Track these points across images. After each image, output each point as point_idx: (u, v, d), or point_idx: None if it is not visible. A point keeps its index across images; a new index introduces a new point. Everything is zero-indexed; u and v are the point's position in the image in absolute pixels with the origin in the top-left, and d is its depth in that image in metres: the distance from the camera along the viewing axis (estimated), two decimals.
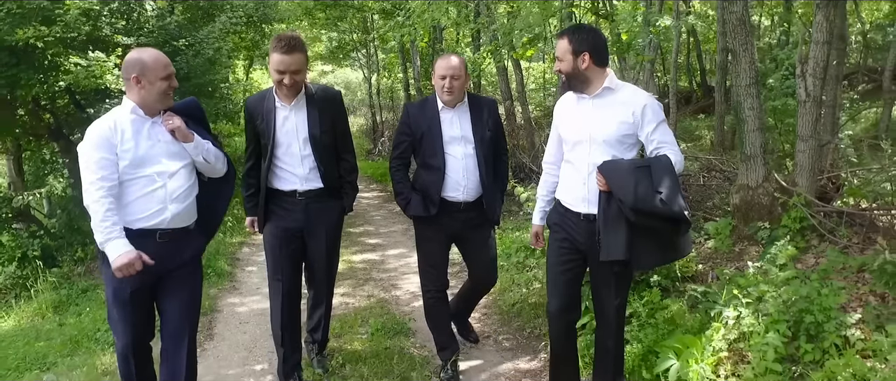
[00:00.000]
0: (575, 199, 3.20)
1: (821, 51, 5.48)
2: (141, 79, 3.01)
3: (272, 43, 3.55)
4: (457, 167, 3.80)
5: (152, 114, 3.10)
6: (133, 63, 3.03)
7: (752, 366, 3.31)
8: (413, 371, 4.17)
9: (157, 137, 3.10)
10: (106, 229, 2.87)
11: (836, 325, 3.40)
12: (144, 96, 3.04)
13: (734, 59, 5.85)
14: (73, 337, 5.11)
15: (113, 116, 3.07)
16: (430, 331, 4.19)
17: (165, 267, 3.12)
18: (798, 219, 5.28)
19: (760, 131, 5.66)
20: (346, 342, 4.72)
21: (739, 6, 5.57)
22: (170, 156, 3.12)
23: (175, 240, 3.14)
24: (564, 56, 3.06)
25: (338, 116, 3.86)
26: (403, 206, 3.95)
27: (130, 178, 3.00)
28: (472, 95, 3.99)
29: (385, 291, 6.26)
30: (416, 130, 3.87)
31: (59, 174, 9.09)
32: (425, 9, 8.21)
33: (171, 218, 3.09)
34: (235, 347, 4.81)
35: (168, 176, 3.08)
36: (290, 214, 3.79)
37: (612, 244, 2.98)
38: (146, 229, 3.03)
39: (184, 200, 3.15)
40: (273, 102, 3.69)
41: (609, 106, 3.08)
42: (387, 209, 11.56)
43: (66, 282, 6.91)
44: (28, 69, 6.56)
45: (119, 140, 2.98)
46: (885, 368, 3.13)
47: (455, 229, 3.93)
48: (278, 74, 3.52)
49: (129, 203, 3.01)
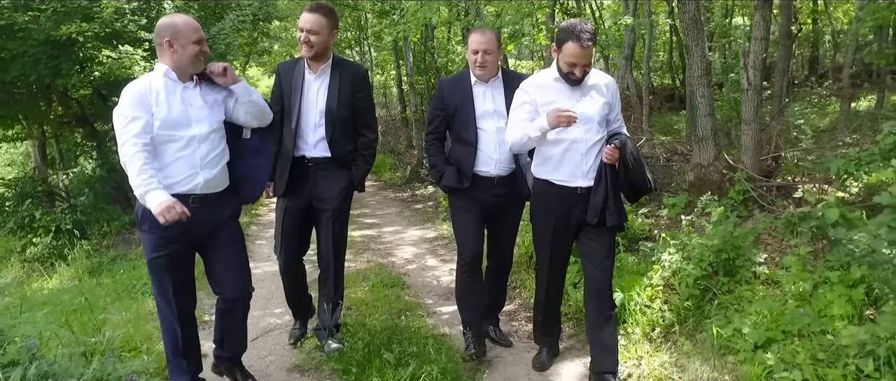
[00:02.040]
0: (570, 175, 3.42)
1: (759, 46, 6.34)
2: (173, 42, 3.03)
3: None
4: (489, 141, 3.76)
5: (185, 78, 3.12)
6: (166, 27, 3.05)
7: (678, 293, 4.17)
8: (408, 311, 4.99)
9: (190, 101, 3.12)
10: (144, 181, 2.86)
11: (745, 261, 4.26)
12: (177, 60, 3.06)
13: (688, 53, 6.73)
14: (114, 290, 5.92)
15: (148, 78, 3.09)
16: (458, 307, 4.15)
17: (200, 231, 3.18)
18: (741, 192, 6.11)
19: (711, 117, 6.53)
20: (352, 292, 5.53)
21: (692, 7, 6.43)
22: (201, 121, 3.13)
23: (208, 204, 3.16)
24: (590, 59, 3.33)
25: (360, 91, 3.90)
26: (437, 178, 3.93)
27: (164, 140, 3.02)
28: (507, 70, 3.96)
29: (382, 257, 7.10)
30: (449, 104, 3.85)
31: (89, 156, 9.91)
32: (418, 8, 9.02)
33: (203, 183, 3.12)
34: (255, 298, 5.60)
35: (199, 140, 3.10)
36: (300, 180, 3.86)
37: (618, 211, 3.39)
38: (180, 194, 3.02)
39: (215, 165, 3.17)
40: (303, 70, 3.80)
41: (592, 88, 3.41)
42: (382, 196, 12.42)
43: (96, 252, 7.72)
44: (68, 61, 7.39)
45: (154, 101, 3.00)
46: (779, 292, 3.99)
47: (488, 204, 3.87)
48: (300, 31, 3.68)
49: (164, 167, 3.04)
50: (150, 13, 8.44)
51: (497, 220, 3.98)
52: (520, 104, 3.47)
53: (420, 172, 13.33)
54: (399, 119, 18.43)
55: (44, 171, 10.73)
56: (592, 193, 3.39)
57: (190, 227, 3.05)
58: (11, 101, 8.48)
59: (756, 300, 3.89)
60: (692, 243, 4.49)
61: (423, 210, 10.42)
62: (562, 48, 3.28)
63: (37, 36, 7.00)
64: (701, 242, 4.48)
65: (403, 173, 14.11)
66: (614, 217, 3.38)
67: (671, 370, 3.60)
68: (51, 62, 7.29)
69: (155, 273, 3.18)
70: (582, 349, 4.11)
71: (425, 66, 14.74)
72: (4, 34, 6.99)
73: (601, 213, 3.37)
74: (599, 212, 3.36)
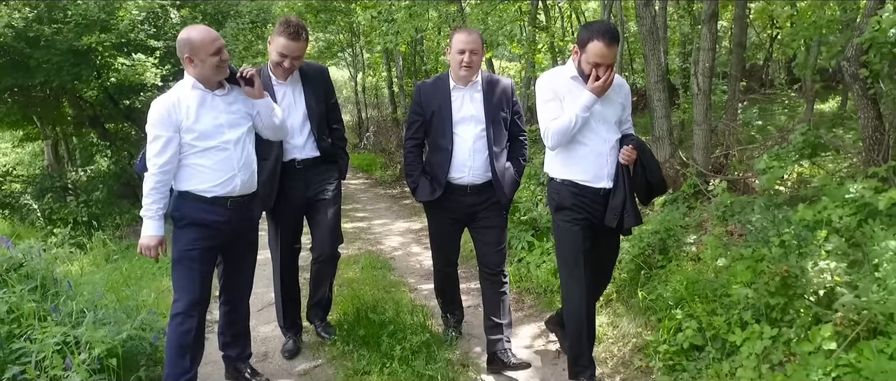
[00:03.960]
0: (595, 176, 3.39)
1: (707, 55, 7.12)
2: (193, 58, 3.09)
3: (279, 26, 3.64)
4: (464, 148, 3.68)
5: (212, 87, 3.20)
6: (184, 43, 3.10)
7: (618, 268, 4.93)
8: (392, 287, 5.75)
9: (220, 108, 3.21)
10: (146, 206, 3.08)
11: (676, 241, 5.03)
12: (200, 72, 3.12)
13: (646, 61, 7.50)
14: (134, 273, 6.66)
15: (177, 91, 3.15)
16: (439, 303, 4.34)
17: (234, 232, 3.32)
18: (692, 186, 6.89)
19: (666, 118, 7.32)
20: (343, 273, 6.28)
21: (648, 20, 7.22)
22: (232, 126, 3.23)
23: (241, 206, 3.30)
24: (614, 59, 3.28)
25: (328, 88, 4.03)
26: (412, 190, 3.91)
27: (203, 149, 3.13)
28: (488, 74, 3.87)
29: (371, 245, 7.87)
30: (427, 109, 3.77)
31: (104, 155, 10.67)
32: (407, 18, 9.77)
33: (240, 185, 3.24)
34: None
35: (234, 144, 3.20)
36: (292, 182, 3.88)
37: (635, 213, 3.41)
38: (219, 197, 3.18)
39: (249, 167, 3.30)
40: (269, 80, 3.77)
41: (610, 90, 3.34)
42: (372, 192, 13.16)
43: (111, 241, 8.46)
44: (87, 68, 8.15)
45: (184, 116, 3.09)
46: (702, 266, 4.76)
47: (462, 213, 3.82)
48: (281, 56, 3.65)
49: (204, 171, 3.15)
50: (158, 22, 9.17)
51: (475, 227, 3.87)
52: (549, 99, 3.36)
53: None
54: (390, 119, 19.15)
55: (57, 168, 11.49)
56: (611, 194, 3.38)
57: (229, 227, 3.26)
58: (29, 104, 9.27)
59: (680, 272, 4.66)
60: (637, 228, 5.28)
61: (410, 205, 11.15)
62: (585, 48, 3.22)
63: (60, 46, 7.78)
64: (643, 227, 5.25)
65: (393, 171, 14.82)
66: (632, 219, 3.39)
67: (607, 329, 4.36)
68: (72, 69, 8.05)
69: (182, 264, 3.21)
70: (538, 316, 4.87)
71: (415, 69, 15.47)
72: (32, 45, 7.75)
73: (620, 215, 3.37)
74: (619, 214, 3.36)
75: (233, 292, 3.57)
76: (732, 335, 3.55)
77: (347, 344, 4.21)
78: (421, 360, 3.87)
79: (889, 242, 3.41)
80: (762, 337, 3.43)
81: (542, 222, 6.13)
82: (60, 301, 3.53)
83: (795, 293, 3.47)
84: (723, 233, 4.89)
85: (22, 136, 11.03)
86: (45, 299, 3.54)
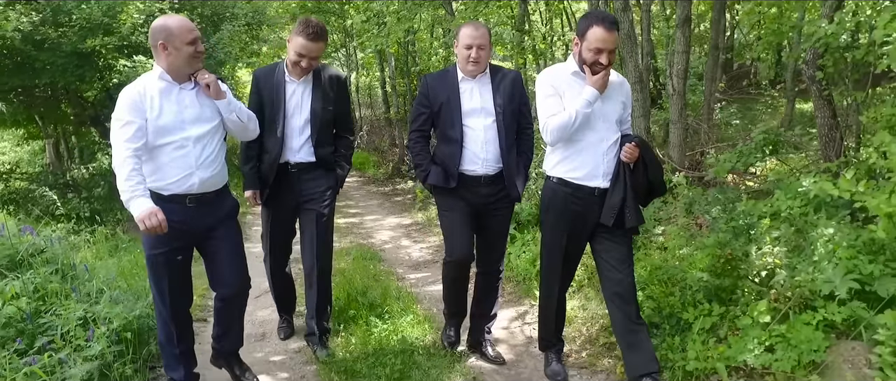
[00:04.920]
0: (589, 174, 3.37)
1: (681, 58, 7.52)
2: (167, 45, 2.99)
3: (298, 26, 3.63)
4: (476, 139, 3.64)
5: (181, 80, 3.10)
6: (159, 30, 3.00)
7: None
8: (382, 275, 6.13)
9: (185, 102, 3.11)
10: (129, 187, 2.84)
11: (645, 232, 5.42)
12: (172, 62, 3.03)
13: (623, 64, 7.90)
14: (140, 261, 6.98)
15: (143, 81, 3.06)
16: (444, 298, 4.17)
17: (197, 229, 3.21)
18: (668, 181, 7.29)
19: (644, 117, 7.70)
20: (335, 263, 6.62)
21: (626, 24, 7.60)
22: (197, 122, 3.12)
23: (205, 203, 3.20)
24: (615, 45, 3.23)
25: (340, 96, 3.95)
26: (422, 178, 3.80)
27: (160, 143, 3.02)
28: (495, 66, 3.81)
29: (363, 239, 8.24)
30: (434, 101, 3.71)
31: (105, 153, 11.01)
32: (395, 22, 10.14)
33: (199, 183, 3.13)
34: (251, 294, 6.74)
35: (194, 141, 3.10)
36: (283, 184, 3.90)
37: (637, 212, 3.36)
38: (177, 194, 3.09)
39: (211, 165, 3.18)
40: (282, 76, 3.79)
41: (610, 87, 3.33)
42: (365, 190, 13.53)
43: (113, 236, 8.78)
44: (90, 69, 8.50)
45: (148, 106, 2.99)
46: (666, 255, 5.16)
47: (476, 204, 3.75)
48: (299, 56, 3.63)
49: (159, 168, 3.06)
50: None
51: (485, 221, 3.84)
52: (550, 94, 3.35)
53: (401, 168, 14.38)
54: (383, 119, 19.51)
55: (58, 166, 11.84)
56: (609, 193, 3.36)
57: (188, 226, 3.13)
58: (32, 103, 9.61)
59: (646, 260, 5.05)
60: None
61: (402, 202, 11.53)
62: (586, 36, 3.22)
63: (65, 48, 8.13)
64: None
65: (386, 169, 15.19)
66: (634, 218, 3.35)
67: (578, 311, 4.74)
68: (76, 70, 8.40)
69: (153, 269, 3.19)
70: (517, 302, 5.25)
71: (407, 69, 15.82)
72: (38, 47, 8.10)
73: (619, 214, 3.33)
74: (617, 213, 3.32)
75: (217, 287, 3.46)
76: (686, 314, 3.94)
77: (338, 325, 4.60)
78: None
79: (826, 229, 3.81)
80: (711, 314, 3.83)
81: (524, 215, 6.50)
82: (79, 282, 3.92)
83: (740, 274, 3.86)
84: (688, 224, 5.28)
85: (23, 134, 11.36)
86: (65, 281, 3.94)
